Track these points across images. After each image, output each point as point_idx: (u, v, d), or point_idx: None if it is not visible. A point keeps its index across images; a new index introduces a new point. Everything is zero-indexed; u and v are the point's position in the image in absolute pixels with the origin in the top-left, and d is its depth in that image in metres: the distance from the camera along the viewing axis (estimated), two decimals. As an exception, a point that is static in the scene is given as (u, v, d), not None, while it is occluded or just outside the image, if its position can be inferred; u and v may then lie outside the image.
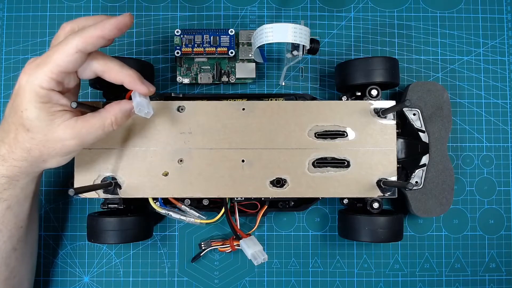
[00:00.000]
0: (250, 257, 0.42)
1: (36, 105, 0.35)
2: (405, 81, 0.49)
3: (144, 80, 0.38)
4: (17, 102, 0.35)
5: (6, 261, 0.39)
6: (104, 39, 0.35)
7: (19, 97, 0.35)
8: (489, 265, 0.48)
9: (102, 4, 0.49)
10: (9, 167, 0.37)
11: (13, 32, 0.49)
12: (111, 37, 0.35)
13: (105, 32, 0.35)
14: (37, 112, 0.35)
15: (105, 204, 0.43)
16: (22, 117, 0.35)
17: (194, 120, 0.42)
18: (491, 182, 0.49)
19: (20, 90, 0.35)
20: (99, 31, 0.35)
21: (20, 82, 0.35)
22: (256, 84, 0.49)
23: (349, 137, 0.43)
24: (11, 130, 0.36)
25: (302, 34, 0.40)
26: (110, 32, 0.35)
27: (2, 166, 0.37)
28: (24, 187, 0.39)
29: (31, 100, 0.35)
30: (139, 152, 0.42)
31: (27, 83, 0.35)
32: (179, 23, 0.50)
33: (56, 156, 0.37)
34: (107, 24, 0.35)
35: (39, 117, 0.35)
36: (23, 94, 0.35)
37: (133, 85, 0.38)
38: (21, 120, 0.35)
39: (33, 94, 0.34)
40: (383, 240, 0.42)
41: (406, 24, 0.50)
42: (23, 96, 0.35)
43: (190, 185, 0.42)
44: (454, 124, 0.49)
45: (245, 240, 0.44)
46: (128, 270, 0.47)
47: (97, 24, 0.35)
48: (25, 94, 0.35)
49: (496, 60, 0.50)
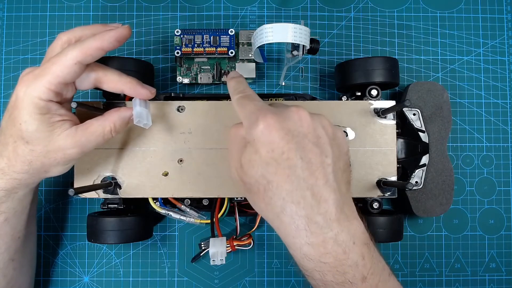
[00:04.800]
0: (210, 255, 0.43)
1: (36, 117, 0.34)
2: (405, 81, 0.49)
3: (143, 84, 0.38)
4: (15, 114, 0.34)
5: (3, 271, 0.39)
6: (103, 50, 0.35)
7: (17, 110, 0.34)
8: (489, 265, 0.48)
9: (102, 4, 0.49)
10: (9, 180, 0.36)
11: (13, 32, 0.49)
12: (110, 49, 0.35)
13: (104, 44, 0.35)
14: (37, 123, 0.34)
15: (105, 204, 0.43)
16: (21, 130, 0.34)
17: (194, 120, 0.42)
18: (491, 182, 0.49)
19: (18, 102, 0.34)
20: (99, 42, 0.35)
21: (18, 93, 0.34)
22: (256, 84, 0.49)
23: (349, 137, 0.43)
24: (9, 143, 0.35)
25: (302, 34, 0.40)
26: (109, 44, 0.35)
27: (1, 179, 0.36)
28: (22, 199, 0.38)
29: (30, 112, 0.34)
30: (139, 152, 0.42)
31: (25, 95, 0.34)
32: (179, 23, 0.50)
33: (58, 165, 0.37)
34: (106, 36, 0.35)
35: (38, 129, 0.34)
36: (21, 106, 0.34)
37: (133, 92, 0.38)
38: (20, 133, 0.34)
39: (32, 105, 0.34)
40: (383, 240, 0.42)
41: (406, 24, 0.50)
42: (22, 108, 0.34)
43: (190, 185, 0.42)
44: (454, 124, 0.49)
45: (216, 239, 0.44)
46: (128, 270, 0.47)
47: (96, 36, 0.35)
48: (23, 106, 0.34)
49: (496, 60, 0.50)
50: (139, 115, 0.38)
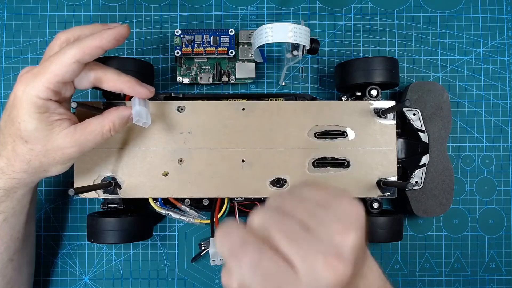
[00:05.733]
0: (210, 255, 0.43)
1: (34, 116, 0.34)
2: (405, 81, 0.49)
3: (142, 83, 0.38)
4: (14, 113, 0.34)
5: (3, 271, 0.39)
6: (102, 49, 0.35)
7: (16, 109, 0.34)
8: (489, 265, 0.48)
9: (102, 4, 0.49)
10: (8, 179, 0.36)
11: (13, 32, 0.49)
12: (109, 47, 0.35)
13: (103, 43, 0.35)
14: (36, 123, 0.34)
15: (105, 204, 0.43)
16: (20, 129, 0.34)
17: (194, 120, 0.42)
18: (491, 182, 0.49)
19: (16, 101, 0.34)
20: (98, 41, 0.35)
21: (16, 92, 0.34)
22: (256, 84, 0.49)
23: (349, 137, 0.43)
24: (7, 142, 0.35)
25: (302, 34, 0.40)
26: (108, 43, 0.35)
27: (0, 179, 0.36)
28: (21, 199, 0.38)
29: (28, 111, 0.34)
30: (139, 152, 0.42)
31: (24, 94, 0.34)
32: (179, 23, 0.50)
33: (57, 164, 0.37)
34: (105, 35, 0.35)
35: (37, 128, 0.34)
36: (20, 105, 0.34)
37: (132, 90, 0.38)
38: (19, 132, 0.34)
39: (31, 104, 0.34)
40: (383, 240, 0.42)
41: (406, 24, 0.50)
42: (20, 107, 0.34)
43: (190, 185, 0.42)
44: (454, 124, 0.49)
45: None
46: (128, 270, 0.47)
47: (95, 35, 0.35)
48: (22, 105, 0.34)
49: (496, 60, 0.50)
50: (138, 114, 0.38)
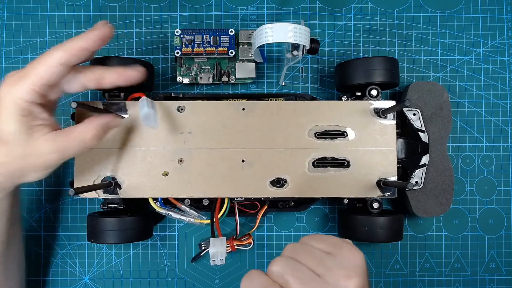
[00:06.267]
0: (210, 255, 0.43)
1: (16, 118, 0.34)
2: (405, 81, 0.49)
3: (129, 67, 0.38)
4: None
5: None
6: (88, 50, 0.35)
7: None
8: (489, 265, 0.48)
9: (102, 4, 0.49)
10: None
11: (13, 32, 0.49)
12: (95, 48, 0.35)
13: (88, 44, 0.35)
14: (17, 125, 0.34)
15: (105, 204, 0.43)
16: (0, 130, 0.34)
17: (194, 120, 0.42)
18: (491, 182, 0.49)
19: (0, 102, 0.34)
20: (83, 42, 0.35)
21: (0, 94, 0.34)
22: (256, 84, 0.49)
23: (349, 137, 0.43)
24: None
25: (302, 34, 0.40)
26: (94, 43, 0.35)
27: None
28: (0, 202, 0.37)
29: (11, 112, 0.34)
30: (139, 152, 0.42)
31: (8, 95, 0.34)
32: (179, 23, 0.50)
33: (36, 170, 0.36)
34: (90, 35, 0.35)
35: (17, 130, 0.34)
36: (3, 105, 0.34)
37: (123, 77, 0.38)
38: None
39: (14, 106, 0.33)
40: (383, 240, 0.42)
41: (406, 24, 0.50)
42: (3, 108, 0.34)
43: (190, 185, 0.42)
44: (454, 124, 0.49)
45: (216, 239, 0.44)
46: (128, 270, 0.47)
47: (80, 36, 0.35)
48: (5, 106, 0.34)
49: (496, 60, 0.50)
50: (146, 117, 0.38)
